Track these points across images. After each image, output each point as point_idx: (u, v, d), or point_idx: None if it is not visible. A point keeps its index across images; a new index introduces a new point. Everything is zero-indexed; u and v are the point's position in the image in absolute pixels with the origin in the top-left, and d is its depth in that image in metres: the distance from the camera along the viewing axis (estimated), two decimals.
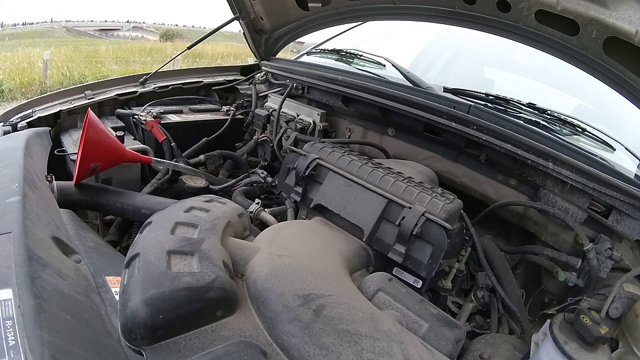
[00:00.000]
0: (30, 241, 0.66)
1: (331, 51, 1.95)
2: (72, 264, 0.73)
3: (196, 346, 0.57)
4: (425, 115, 1.27)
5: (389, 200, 0.95)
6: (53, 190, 1.05)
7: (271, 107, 1.75)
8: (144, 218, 0.85)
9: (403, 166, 1.23)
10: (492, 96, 1.35)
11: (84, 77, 7.67)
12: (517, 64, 1.95)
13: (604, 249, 1.00)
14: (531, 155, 1.09)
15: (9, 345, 0.48)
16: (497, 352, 0.81)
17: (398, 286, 0.84)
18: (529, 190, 1.23)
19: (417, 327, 0.75)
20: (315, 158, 1.08)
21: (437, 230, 0.88)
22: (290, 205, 1.20)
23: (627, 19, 0.87)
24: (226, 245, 0.77)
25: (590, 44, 0.98)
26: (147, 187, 1.38)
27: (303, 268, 0.75)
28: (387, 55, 1.75)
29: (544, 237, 1.20)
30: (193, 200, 0.90)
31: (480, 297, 1.09)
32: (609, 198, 1.01)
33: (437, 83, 1.54)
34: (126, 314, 0.56)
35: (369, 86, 1.41)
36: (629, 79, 0.99)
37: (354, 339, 0.62)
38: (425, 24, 1.43)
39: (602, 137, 1.25)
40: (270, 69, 1.91)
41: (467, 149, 1.28)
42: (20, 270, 0.59)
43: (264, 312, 0.66)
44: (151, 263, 0.63)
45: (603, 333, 0.66)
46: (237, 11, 1.78)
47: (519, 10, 1.06)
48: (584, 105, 1.69)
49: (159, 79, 1.86)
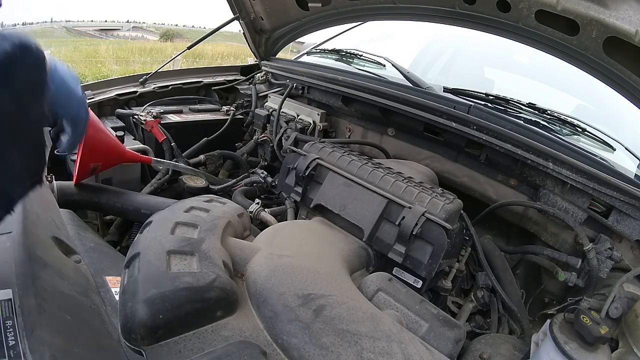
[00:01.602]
0: (30, 241, 0.66)
1: (331, 51, 1.95)
2: (72, 264, 0.73)
3: (196, 346, 0.57)
4: (425, 115, 1.27)
5: (389, 200, 0.95)
6: (53, 190, 1.05)
7: (271, 107, 1.75)
8: (144, 218, 0.85)
9: (403, 166, 1.23)
10: (492, 96, 1.35)
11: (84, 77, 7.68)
12: (517, 64, 1.95)
13: (604, 249, 1.00)
14: (531, 155, 1.09)
15: (9, 345, 0.48)
16: (497, 352, 0.81)
17: (398, 286, 0.84)
18: (529, 190, 1.23)
19: (417, 327, 0.75)
20: (315, 158, 1.08)
21: (437, 230, 0.88)
22: (290, 205, 1.20)
23: (627, 19, 0.87)
24: (226, 245, 0.77)
25: (590, 44, 0.98)
26: (147, 187, 1.38)
27: (303, 268, 0.75)
28: (387, 55, 1.75)
29: (544, 237, 1.20)
30: (193, 200, 0.90)
31: (480, 297, 1.09)
32: (609, 198, 1.01)
33: (437, 83, 1.54)
34: (126, 314, 0.56)
35: (369, 86, 1.41)
36: (629, 79, 0.99)
37: (354, 339, 0.62)
38: (425, 24, 1.43)
39: (602, 137, 1.26)
40: (270, 69, 1.91)
41: (467, 149, 1.28)
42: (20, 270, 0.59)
43: (264, 312, 0.66)
44: (151, 263, 0.63)
45: (603, 333, 0.66)
46: (237, 11, 1.79)
47: (519, 10, 1.06)
48: (584, 105, 1.69)
49: (159, 79, 1.86)
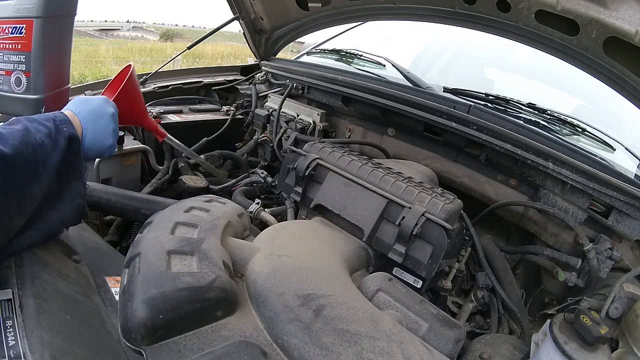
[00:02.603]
0: None
1: (331, 51, 1.95)
2: (72, 264, 0.73)
3: (196, 346, 0.57)
4: (425, 115, 1.27)
5: (389, 200, 0.95)
6: None
7: (271, 107, 1.75)
8: (144, 218, 0.85)
9: (403, 166, 1.23)
10: (492, 96, 1.35)
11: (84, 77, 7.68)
12: (517, 64, 1.95)
13: (604, 249, 1.00)
14: (531, 155, 1.09)
15: (9, 345, 0.48)
16: (497, 352, 0.81)
17: (398, 286, 0.84)
18: (529, 190, 1.23)
19: (417, 327, 0.75)
20: (315, 158, 1.08)
21: (437, 230, 0.88)
22: (290, 205, 1.20)
23: (627, 19, 0.87)
24: (226, 245, 0.77)
25: (590, 44, 0.98)
26: (147, 187, 1.38)
27: (303, 268, 0.75)
28: (387, 55, 1.75)
29: (544, 237, 1.20)
30: (193, 200, 0.90)
31: (480, 297, 1.09)
32: (609, 198, 1.01)
33: (437, 83, 1.54)
34: (126, 314, 0.56)
35: (369, 86, 1.41)
36: (629, 79, 0.99)
37: (354, 339, 0.62)
38: (425, 24, 1.43)
39: (602, 137, 1.26)
40: (270, 69, 1.91)
41: (467, 149, 1.28)
42: (20, 270, 0.59)
43: (264, 312, 0.66)
44: (151, 263, 0.63)
45: (603, 333, 0.66)
46: (237, 11, 1.78)
47: (519, 10, 1.06)
48: (584, 105, 1.69)
49: (159, 79, 1.86)
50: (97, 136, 0.80)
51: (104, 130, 0.82)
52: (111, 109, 0.85)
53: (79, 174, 0.76)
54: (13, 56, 0.74)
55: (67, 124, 0.72)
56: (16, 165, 0.58)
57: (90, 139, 0.79)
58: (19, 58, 0.74)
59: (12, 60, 0.75)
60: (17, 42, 0.73)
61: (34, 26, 0.72)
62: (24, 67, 0.74)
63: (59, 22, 0.76)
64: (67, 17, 0.79)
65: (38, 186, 0.64)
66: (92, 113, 0.80)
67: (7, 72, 0.76)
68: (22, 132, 0.62)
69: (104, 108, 0.83)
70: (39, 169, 0.64)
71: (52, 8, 0.73)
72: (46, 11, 0.73)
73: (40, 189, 0.65)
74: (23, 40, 0.73)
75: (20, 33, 0.72)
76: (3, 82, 0.77)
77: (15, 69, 0.75)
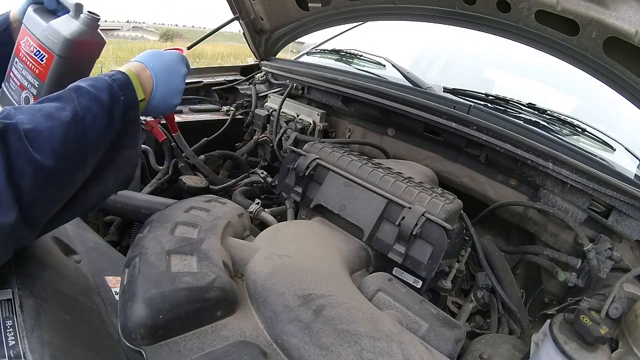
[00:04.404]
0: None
1: (331, 51, 1.95)
2: (72, 264, 0.73)
3: (196, 346, 0.57)
4: (425, 116, 1.27)
5: (389, 200, 0.95)
6: None
7: (271, 107, 1.75)
8: (144, 218, 0.85)
9: (403, 166, 1.23)
10: (492, 96, 1.35)
11: None
12: (517, 64, 1.95)
13: (604, 249, 1.00)
14: (531, 155, 1.09)
15: (9, 345, 0.48)
16: (497, 352, 0.81)
17: (398, 286, 0.84)
18: (529, 190, 1.23)
19: (417, 327, 0.75)
20: (315, 158, 1.08)
21: (437, 231, 0.88)
22: (290, 205, 1.20)
23: (627, 19, 0.87)
24: (226, 245, 0.77)
25: (590, 44, 0.98)
26: (147, 187, 1.38)
27: (303, 268, 0.75)
28: (387, 55, 1.75)
29: (544, 237, 1.20)
30: (193, 200, 0.90)
31: (480, 297, 1.09)
32: (609, 198, 1.01)
33: (437, 83, 1.54)
34: (126, 313, 0.56)
35: (369, 86, 1.41)
36: (629, 79, 0.99)
37: (354, 339, 0.62)
38: (425, 24, 1.43)
39: (602, 137, 1.26)
40: (270, 69, 1.91)
41: (467, 149, 1.28)
42: (20, 270, 0.59)
43: (264, 312, 0.66)
44: (151, 263, 0.63)
45: (603, 333, 0.66)
46: (237, 11, 1.78)
47: (519, 10, 1.06)
48: (584, 105, 1.69)
49: None
50: (167, 94, 0.74)
51: (175, 90, 0.76)
52: (185, 68, 0.79)
53: (132, 141, 0.67)
54: (30, 76, 0.72)
55: (126, 88, 0.63)
56: (57, 172, 0.52)
57: (159, 98, 0.72)
58: (34, 81, 0.72)
59: (28, 79, 0.73)
60: (37, 66, 0.71)
61: (53, 62, 0.70)
62: (35, 91, 0.72)
63: (78, 63, 0.73)
64: (88, 58, 0.76)
65: (83, 173, 0.58)
66: (166, 70, 0.73)
67: (21, 85, 0.74)
68: (67, 125, 0.53)
69: (179, 68, 0.77)
70: (86, 159, 0.57)
71: (75, 51, 0.71)
72: (67, 53, 0.70)
73: (84, 174, 0.59)
74: (41, 68, 0.71)
75: (42, 60, 0.70)
76: (15, 92, 0.76)
77: (28, 89, 0.73)
